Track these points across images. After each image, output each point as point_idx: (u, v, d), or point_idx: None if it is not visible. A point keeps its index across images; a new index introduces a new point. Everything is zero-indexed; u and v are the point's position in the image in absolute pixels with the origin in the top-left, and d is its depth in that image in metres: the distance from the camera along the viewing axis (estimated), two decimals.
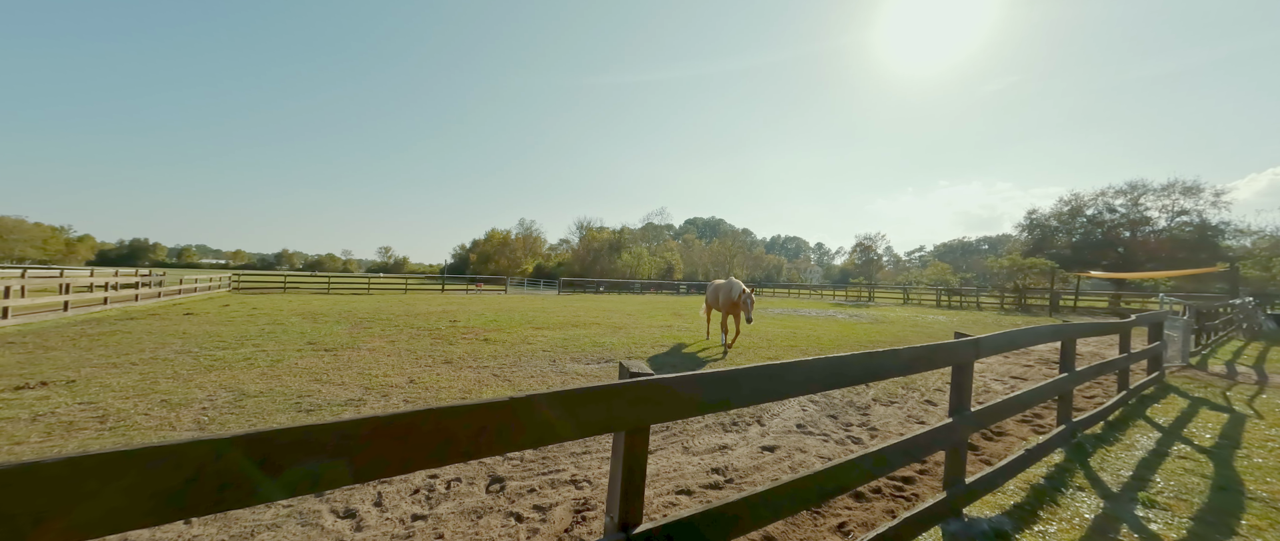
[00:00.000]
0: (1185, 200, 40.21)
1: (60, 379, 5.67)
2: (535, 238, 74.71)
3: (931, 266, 70.71)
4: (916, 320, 18.05)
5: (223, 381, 5.75)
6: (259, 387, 5.50)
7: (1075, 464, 3.86)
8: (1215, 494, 3.35)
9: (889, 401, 5.74)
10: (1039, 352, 9.79)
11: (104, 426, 4.17)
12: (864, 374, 2.06)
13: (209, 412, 4.59)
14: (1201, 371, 8.10)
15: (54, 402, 4.75)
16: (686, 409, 1.44)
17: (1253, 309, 16.18)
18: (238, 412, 4.61)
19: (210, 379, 5.87)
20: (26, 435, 3.90)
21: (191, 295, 20.09)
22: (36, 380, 5.55)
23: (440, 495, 3.16)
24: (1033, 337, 3.60)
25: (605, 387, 1.27)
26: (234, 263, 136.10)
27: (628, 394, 1.31)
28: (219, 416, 4.49)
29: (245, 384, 5.65)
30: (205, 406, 4.77)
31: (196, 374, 6.12)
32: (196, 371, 6.25)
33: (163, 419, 4.40)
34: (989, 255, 62.05)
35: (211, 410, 4.67)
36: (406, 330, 10.78)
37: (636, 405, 1.32)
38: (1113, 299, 29.11)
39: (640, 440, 1.37)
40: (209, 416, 4.47)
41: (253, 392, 5.29)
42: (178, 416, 4.47)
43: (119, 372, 6.09)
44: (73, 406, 4.65)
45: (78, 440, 3.86)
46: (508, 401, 1.09)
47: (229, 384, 5.65)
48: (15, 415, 4.36)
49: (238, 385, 5.59)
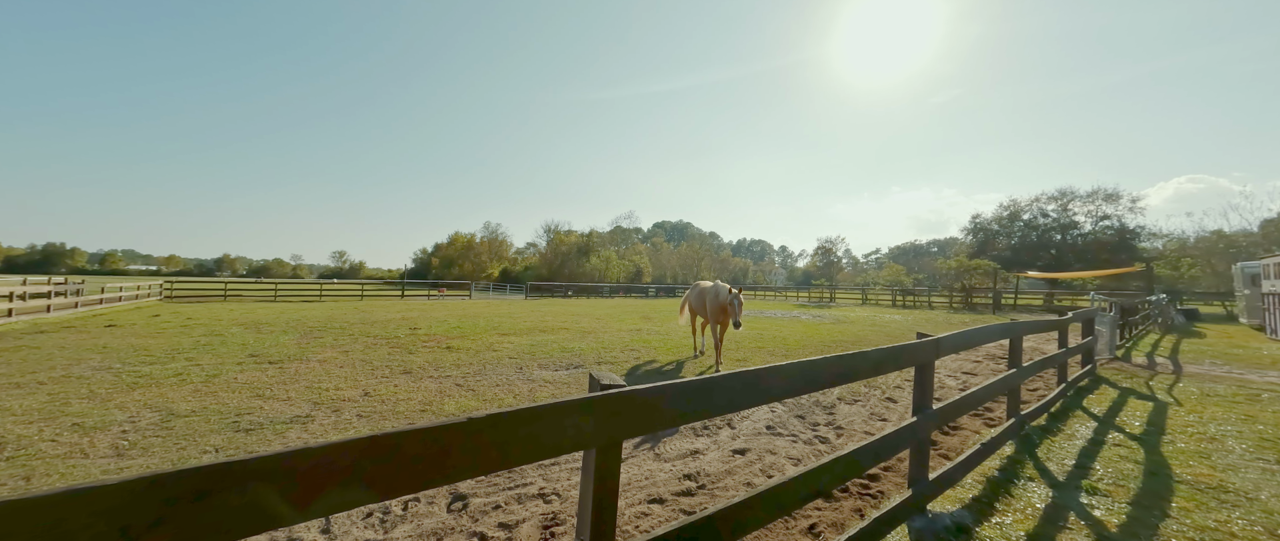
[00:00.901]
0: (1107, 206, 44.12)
1: None
2: (501, 241, 72.96)
3: (887, 268, 74.20)
4: (875, 319, 18.81)
5: (148, 400, 5.21)
6: (191, 406, 5.02)
7: (1025, 455, 4.06)
8: (1148, 479, 3.60)
9: (853, 400, 5.89)
10: (986, 348, 10.38)
11: (1, 455, 3.67)
12: (837, 377, 2.07)
13: (130, 436, 4.13)
14: (1126, 363, 8.81)
15: None
16: (661, 421, 1.37)
17: (1166, 305, 17.87)
18: (164, 435, 4.17)
19: (133, 398, 5.31)
20: None
21: (115, 305, 18.33)
22: None
23: (396, 518, 2.95)
24: (986, 336, 3.77)
25: (574, 402, 1.18)
26: (167, 269, 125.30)
27: (599, 408, 1.23)
28: (142, 440, 4.05)
29: (175, 402, 5.15)
30: (125, 429, 4.29)
31: (117, 392, 5.52)
32: (117, 390, 5.64)
33: (73, 445, 3.92)
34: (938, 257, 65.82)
35: (133, 433, 4.21)
36: (362, 339, 10.20)
37: (608, 420, 1.24)
38: (1047, 297, 31.47)
39: (612, 456, 1.29)
40: (130, 440, 4.02)
41: (183, 412, 4.81)
42: (92, 442, 3.99)
43: (22, 394, 5.42)
44: None
45: None
46: (465, 421, 0.99)
47: (156, 403, 5.12)
48: None
49: (166, 404, 5.08)
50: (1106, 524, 2.95)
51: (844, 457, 2.12)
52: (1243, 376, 7.74)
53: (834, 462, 2.09)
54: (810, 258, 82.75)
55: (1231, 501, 3.25)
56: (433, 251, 76.36)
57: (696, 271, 74.78)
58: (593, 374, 1.36)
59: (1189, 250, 37.62)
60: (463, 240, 71.03)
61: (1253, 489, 3.44)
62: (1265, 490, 3.43)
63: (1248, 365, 8.86)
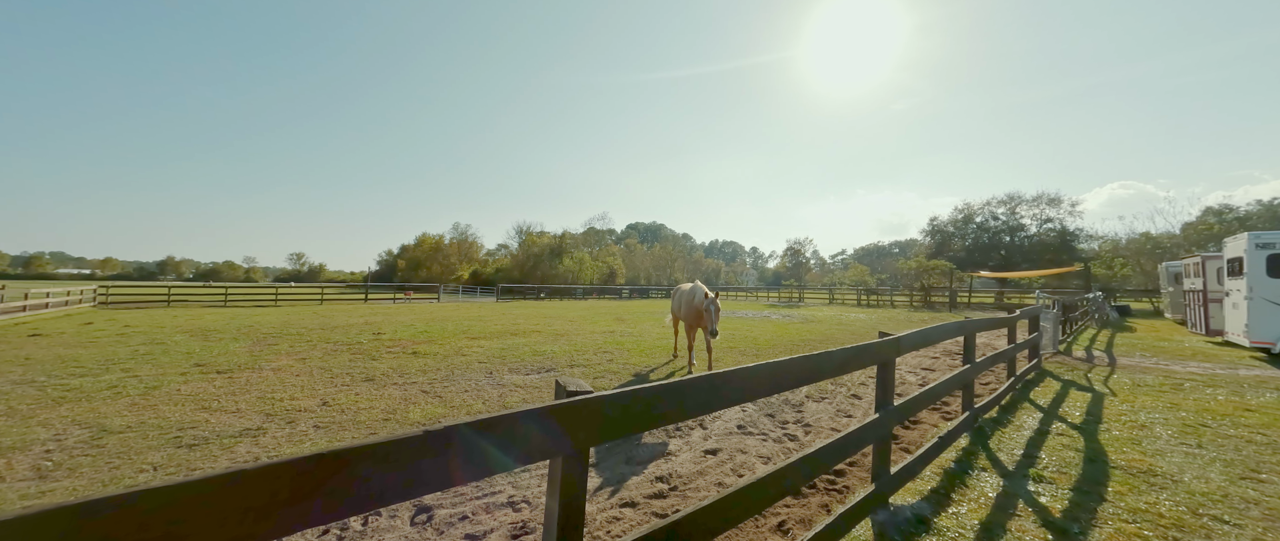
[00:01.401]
0: (1050, 209, 47.13)
1: None
2: (471, 243, 71.25)
3: (853, 268, 76.91)
4: (841, 318, 19.43)
5: (77, 416, 4.80)
6: (126, 421, 4.65)
7: (979, 447, 4.28)
8: (1087, 465, 3.86)
9: (821, 397, 6.05)
10: (943, 345, 10.89)
11: None
12: (804, 376, 2.11)
13: (55, 456, 3.78)
14: (1068, 357, 9.44)
15: None
16: (629, 426, 1.36)
17: (1102, 302, 19.27)
18: (95, 454, 3.84)
19: (59, 413, 4.87)
20: None
21: (41, 312, 16.80)
22: None
23: (355, 534, 2.82)
24: (943, 334, 3.95)
25: (537, 410, 1.15)
26: (102, 273, 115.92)
27: (563, 416, 1.20)
28: (69, 460, 3.72)
29: (108, 417, 4.75)
30: (50, 448, 3.93)
31: (41, 408, 5.06)
32: (41, 405, 5.17)
33: None
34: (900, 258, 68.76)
35: (58, 452, 3.86)
36: (321, 345, 9.73)
37: (575, 428, 1.22)
38: (998, 295, 33.37)
39: (578, 465, 1.27)
40: (54, 461, 3.69)
41: (117, 428, 4.45)
42: (9, 463, 3.63)
43: None
44: None
45: None
46: (422, 435, 0.94)
47: (85, 418, 4.72)
48: None
49: (97, 420, 4.68)
50: (1051, 509, 3.14)
51: (809, 457, 2.17)
52: (1168, 367, 8.43)
53: (800, 462, 2.13)
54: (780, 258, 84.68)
55: (1160, 484, 3.52)
56: (399, 253, 73.82)
57: (670, 273, 75.26)
58: (559, 380, 1.33)
59: (1121, 251, 40.71)
60: (431, 241, 68.97)
61: (1177, 472, 3.74)
62: (1188, 472, 3.73)
63: (1172, 357, 9.65)
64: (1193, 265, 14.43)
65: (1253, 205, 37.74)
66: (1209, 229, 33.47)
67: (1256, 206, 37.43)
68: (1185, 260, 15.98)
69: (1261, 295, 9.36)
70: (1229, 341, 10.91)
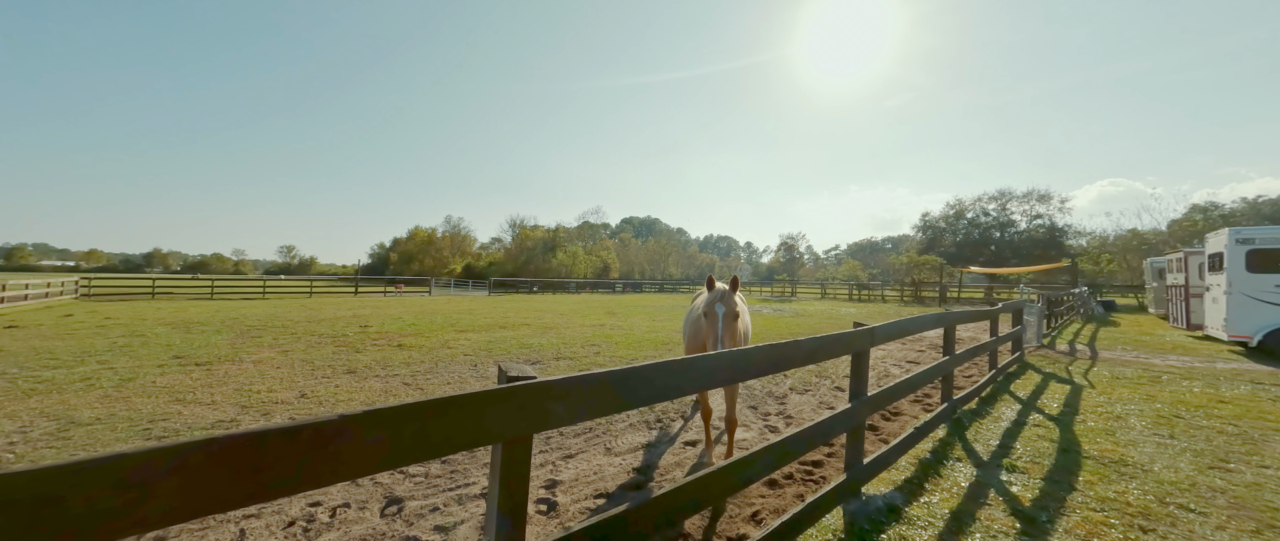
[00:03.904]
0: (1040, 206, 47.61)
1: None
2: (464, 236, 70.77)
3: (845, 264, 77.33)
4: (831, 312, 19.55)
5: (46, 408, 4.70)
6: (96, 413, 4.56)
7: (955, 438, 4.31)
8: (1061, 455, 3.90)
9: (804, 390, 6.07)
10: (930, 338, 10.98)
11: None
12: (769, 364, 2.09)
13: (17, 447, 3.70)
14: (1051, 350, 9.55)
15: None
16: (575, 413, 1.33)
17: (1087, 297, 19.53)
18: (60, 445, 3.76)
19: (28, 405, 4.77)
20: None
21: (20, 304, 16.49)
22: None
23: (322, 525, 2.78)
24: (920, 325, 3.96)
25: (474, 395, 1.12)
26: (87, 264, 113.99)
27: (504, 400, 1.17)
28: (32, 451, 3.64)
29: (77, 410, 4.66)
30: (14, 440, 3.84)
31: (8, 400, 4.95)
32: (9, 397, 5.06)
33: None
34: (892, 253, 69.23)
35: (23, 443, 3.77)
36: (305, 338, 9.62)
37: (514, 413, 1.19)
38: (987, 291, 33.72)
39: (521, 451, 1.24)
40: (16, 453, 3.60)
41: (86, 420, 4.36)
42: None
43: None
44: None
45: None
46: (339, 420, 0.90)
47: (53, 410, 4.62)
48: None
49: (67, 411, 4.59)
50: (1021, 498, 3.16)
51: (774, 446, 2.15)
52: (1147, 360, 8.55)
53: (766, 451, 2.11)
54: (774, 253, 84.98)
55: (1130, 473, 3.56)
56: (391, 246, 73.17)
57: (664, 268, 75.18)
58: (500, 365, 1.30)
59: (1108, 247, 41.28)
60: (423, 235, 68.43)
61: (1148, 461, 3.79)
62: (1159, 462, 3.78)
63: (1152, 350, 9.79)
64: (1176, 260, 14.63)
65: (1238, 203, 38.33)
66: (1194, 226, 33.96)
67: (1241, 204, 38.02)
68: (1169, 256, 16.20)
69: (1240, 290, 9.50)
70: (1209, 335, 11.09)
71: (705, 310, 3.07)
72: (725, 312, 2.97)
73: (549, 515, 3.00)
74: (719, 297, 3.06)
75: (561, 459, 3.79)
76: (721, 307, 3.00)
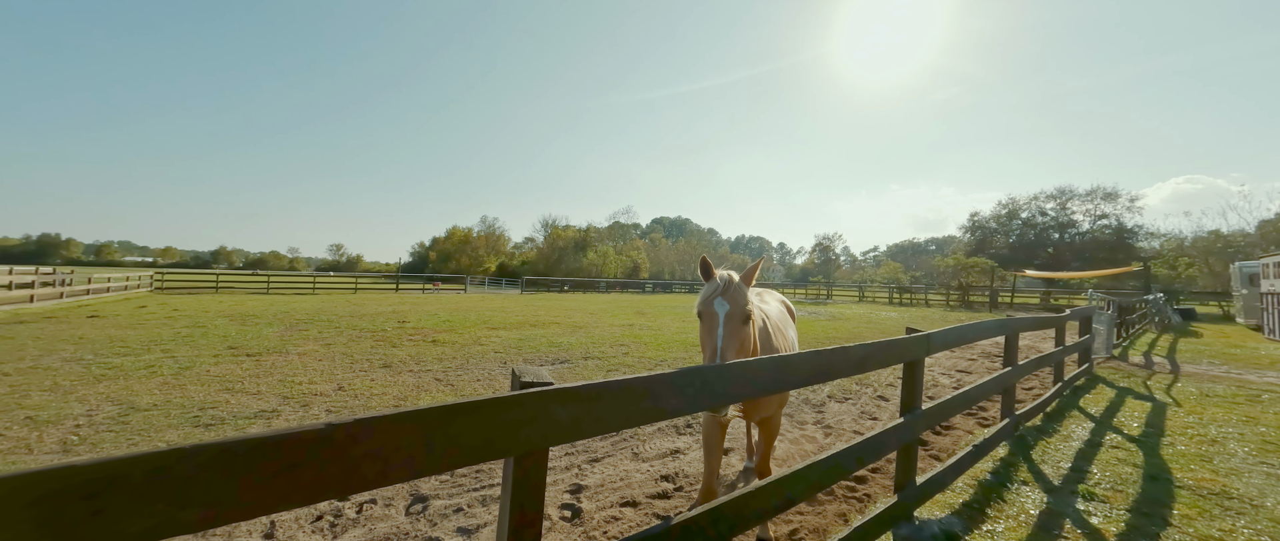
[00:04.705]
0: (1105, 205, 44.01)
1: None
2: (499, 235, 72.65)
3: (884, 266, 74.11)
4: (871, 316, 18.67)
5: (111, 393, 5.01)
6: (154, 400, 4.82)
7: (1019, 457, 3.90)
8: (1147, 483, 3.44)
9: (844, 398, 5.72)
10: (981, 346, 10.24)
11: None
12: (813, 374, 1.88)
13: (81, 431, 3.93)
14: (1123, 362, 8.67)
15: None
16: (598, 424, 1.19)
17: (1163, 304, 17.77)
18: (119, 430, 3.97)
19: (97, 390, 5.11)
20: None
21: (103, 296, 18.07)
22: None
23: (348, 521, 2.76)
24: (980, 332, 3.59)
25: (484, 402, 0.99)
26: (163, 261, 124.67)
27: (517, 409, 1.04)
28: (93, 435, 3.85)
29: (138, 395, 4.95)
30: (79, 423, 4.10)
31: (82, 384, 5.32)
32: (82, 382, 5.44)
33: (20, 439, 3.72)
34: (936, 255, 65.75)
35: (87, 427, 4.01)
36: (347, 332, 10.00)
37: (528, 424, 1.05)
38: (1044, 296, 31.37)
39: (535, 465, 1.10)
40: (80, 436, 3.83)
41: (144, 405, 4.61)
42: (40, 436, 3.80)
43: None
44: None
45: None
46: (324, 428, 0.80)
47: (118, 395, 4.92)
48: None
49: (129, 397, 4.88)
50: (1104, 532, 2.78)
51: (819, 463, 1.94)
52: (1241, 376, 7.60)
53: (809, 468, 1.90)
54: (808, 255, 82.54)
55: (1236, 508, 3.09)
56: (430, 245, 76.00)
57: (694, 268, 74.49)
58: (515, 370, 1.17)
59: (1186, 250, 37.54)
60: (460, 234, 70.71)
61: (1257, 495, 3.28)
62: (1271, 497, 3.26)
63: (1246, 365, 8.72)
64: (1273, 265, 13.05)
65: None
66: None
67: None
68: (1264, 259, 14.48)
69: None
70: None
71: (700, 308, 2.19)
72: (728, 313, 2.06)
73: (573, 521, 2.88)
74: (719, 291, 2.13)
75: (588, 463, 3.68)
76: (722, 306, 2.09)
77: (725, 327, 2.04)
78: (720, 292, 2.13)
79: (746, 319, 2.11)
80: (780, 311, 3.07)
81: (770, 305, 3.03)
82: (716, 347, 2.00)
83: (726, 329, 2.03)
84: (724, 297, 2.11)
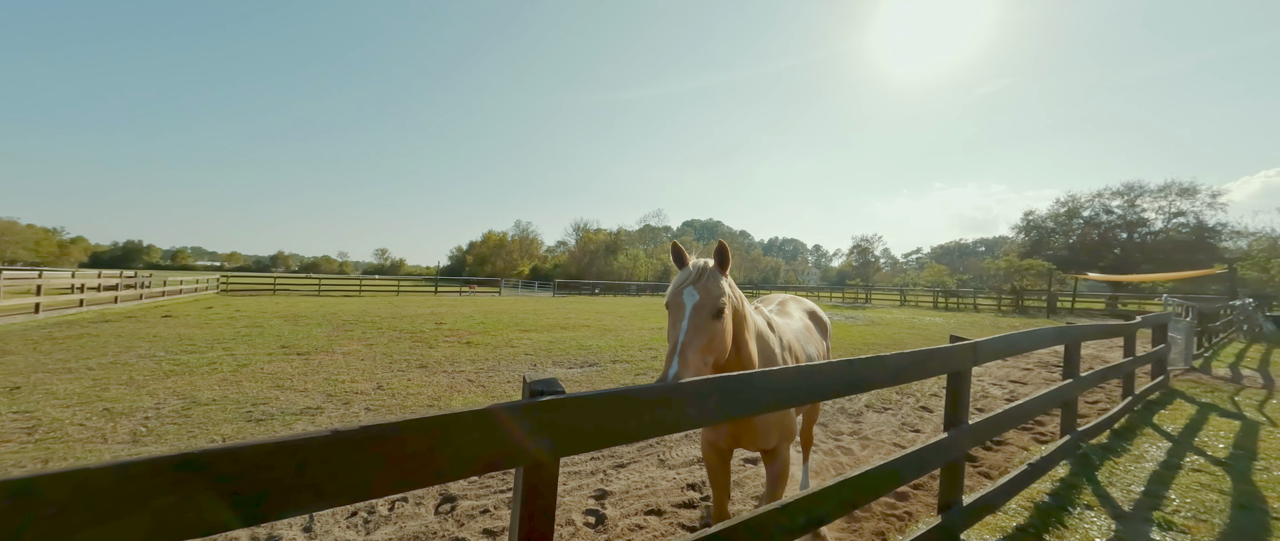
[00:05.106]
0: (1182, 201, 40.21)
1: (3, 385, 5.33)
2: (532, 239, 74.39)
3: (928, 268, 70.50)
4: (913, 322, 17.79)
5: (177, 388, 5.42)
6: (213, 395, 5.17)
7: (1082, 478, 3.56)
8: (1237, 513, 3.06)
9: (883, 408, 5.44)
10: (1037, 354, 9.52)
11: (31, 438, 3.84)
12: (843, 384, 1.77)
13: (150, 423, 4.26)
14: (1206, 375, 7.83)
15: None
16: (610, 435, 1.14)
17: (1253, 311, 15.98)
18: (181, 423, 4.28)
19: (165, 385, 5.53)
20: None
21: (175, 297, 19.69)
22: None
23: (381, 518, 2.84)
24: (1035, 341, 3.31)
25: (489, 411, 0.97)
26: (228, 265, 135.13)
27: (525, 418, 1.01)
28: (160, 426, 4.17)
29: (200, 390, 5.32)
30: (148, 416, 4.44)
31: (153, 379, 5.78)
32: (154, 377, 5.91)
33: (97, 430, 4.07)
34: (986, 257, 62.00)
35: (154, 420, 4.34)
36: (388, 333, 10.44)
37: (537, 433, 1.03)
38: (1110, 301, 28.90)
39: (546, 477, 1.07)
40: (148, 427, 4.15)
41: (204, 400, 4.96)
42: (114, 427, 4.14)
43: (71, 378, 5.75)
44: (4, 416, 4.32)
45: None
46: (330, 436, 0.79)
47: (183, 390, 5.31)
48: None
49: (192, 392, 5.26)
50: None
51: (856, 480, 1.81)
52: None
53: (844, 485, 1.79)
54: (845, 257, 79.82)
55: None
56: (467, 249, 78.74)
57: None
58: (526, 378, 1.15)
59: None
60: (495, 238, 72.87)
61: None
62: None
63: None
64: None
65: None
66: None
67: None
68: None
69: None
70: None
71: (668, 300, 1.88)
72: (697, 305, 1.75)
73: (597, 528, 2.85)
74: (691, 280, 1.84)
75: (613, 468, 3.64)
76: (691, 296, 1.78)
77: (690, 321, 1.72)
78: (691, 281, 1.84)
79: (718, 313, 1.78)
80: (802, 327, 2.76)
81: (793, 317, 2.79)
82: (676, 343, 1.67)
83: (691, 322, 1.71)
84: (695, 287, 1.81)
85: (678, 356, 1.61)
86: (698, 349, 1.66)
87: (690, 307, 1.76)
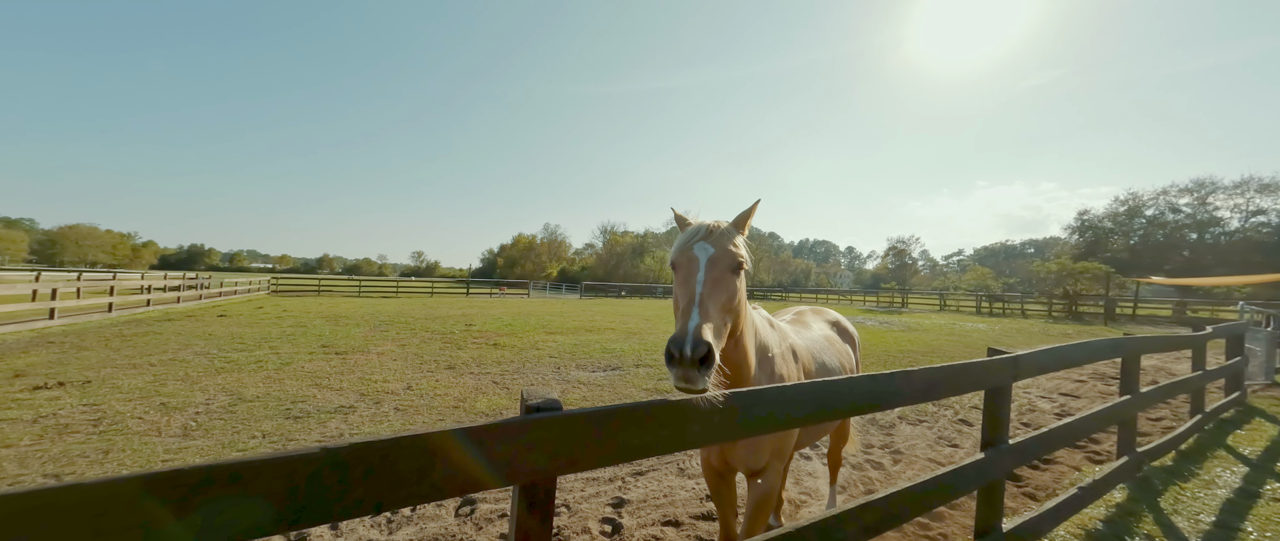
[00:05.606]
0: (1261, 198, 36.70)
1: (78, 379, 5.81)
2: (560, 242, 75.54)
3: (971, 271, 67.04)
4: (953, 328, 16.93)
5: (226, 384, 5.76)
6: (258, 392, 5.47)
7: (1141, 504, 3.26)
8: None
9: (918, 420, 5.18)
10: (1094, 365, 8.85)
11: (96, 430, 4.16)
12: (863, 400, 1.67)
13: (200, 417, 4.54)
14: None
15: (62, 404, 4.81)
16: (610, 453, 1.11)
17: None
18: (227, 418, 4.54)
19: (216, 381, 5.90)
20: (19, 437, 3.91)
21: (231, 297, 21.06)
22: (55, 380, 5.69)
23: (403, 519, 2.91)
24: (1087, 354, 3.06)
25: (484, 427, 0.96)
26: (279, 266, 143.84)
27: (521, 436, 0.99)
28: (208, 421, 4.43)
29: (246, 387, 5.64)
30: (199, 411, 4.73)
31: (206, 376, 6.17)
32: (206, 373, 6.31)
33: (154, 423, 4.37)
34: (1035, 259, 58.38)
35: (204, 415, 4.62)
36: (420, 333, 10.79)
37: (533, 451, 1.00)
38: (1177, 307, 26.61)
39: (542, 495, 1.05)
40: (198, 422, 4.42)
41: (249, 397, 5.24)
42: (169, 421, 4.43)
43: (135, 373, 6.22)
44: (76, 408, 4.70)
45: (65, 443, 3.84)
46: (319, 452, 0.80)
47: (231, 387, 5.64)
48: (20, 416, 4.42)
49: (239, 389, 5.57)
50: None
51: (882, 503, 1.71)
52: None
53: (868, 507, 1.68)
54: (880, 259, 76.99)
55: None
56: (498, 252, 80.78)
57: (755, 274, 72.33)
58: (524, 394, 1.13)
59: None
60: (525, 241, 74.44)
61: None
62: None
63: None
64: None
65: None
66: None
67: None
68: None
69: None
70: None
71: (674, 257, 1.66)
72: (712, 258, 1.56)
73: (613, 538, 2.83)
74: (702, 235, 1.64)
75: (632, 475, 3.61)
76: (704, 250, 1.59)
77: (707, 273, 1.52)
78: (702, 237, 1.62)
79: (737, 268, 1.60)
80: (823, 338, 2.54)
81: (813, 328, 2.60)
82: (694, 295, 1.45)
83: (709, 274, 1.52)
84: (708, 241, 1.60)
85: (697, 307, 1.40)
86: (717, 305, 1.46)
87: (705, 260, 1.56)
